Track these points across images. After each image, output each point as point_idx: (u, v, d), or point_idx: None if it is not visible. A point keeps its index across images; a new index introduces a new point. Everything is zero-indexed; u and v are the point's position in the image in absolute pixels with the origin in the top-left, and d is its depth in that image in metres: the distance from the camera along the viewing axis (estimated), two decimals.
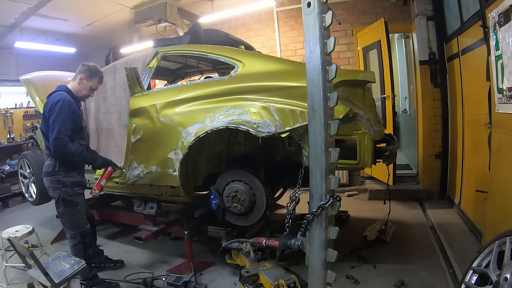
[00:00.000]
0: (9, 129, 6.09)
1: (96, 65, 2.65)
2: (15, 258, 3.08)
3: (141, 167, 2.70)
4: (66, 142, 2.35)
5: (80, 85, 2.58)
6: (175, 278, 2.64)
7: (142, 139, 2.68)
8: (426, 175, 4.49)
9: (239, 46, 3.32)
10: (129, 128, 2.74)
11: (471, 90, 3.39)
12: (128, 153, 2.77)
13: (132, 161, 2.75)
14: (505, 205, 2.25)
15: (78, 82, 2.57)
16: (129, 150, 2.76)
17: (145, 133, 2.67)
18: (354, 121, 2.21)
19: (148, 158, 2.66)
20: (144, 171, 2.68)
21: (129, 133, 2.74)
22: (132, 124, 2.72)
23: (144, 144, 2.68)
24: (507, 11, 2.07)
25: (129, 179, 2.78)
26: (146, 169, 2.67)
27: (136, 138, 2.70)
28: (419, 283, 2.48)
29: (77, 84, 2.58)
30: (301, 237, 1.80)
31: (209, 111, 2.40)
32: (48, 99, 2.48)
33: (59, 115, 2.35)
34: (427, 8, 4.22)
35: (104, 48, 7.30)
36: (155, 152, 2.62)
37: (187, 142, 2.39)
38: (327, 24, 1.55)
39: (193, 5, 5.36)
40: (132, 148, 2.74)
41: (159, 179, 2.63)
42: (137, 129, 2.70)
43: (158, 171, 2.61)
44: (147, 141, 2.67)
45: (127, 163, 2.78)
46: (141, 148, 2.70)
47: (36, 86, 3.61)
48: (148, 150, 2.66)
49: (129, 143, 2.75)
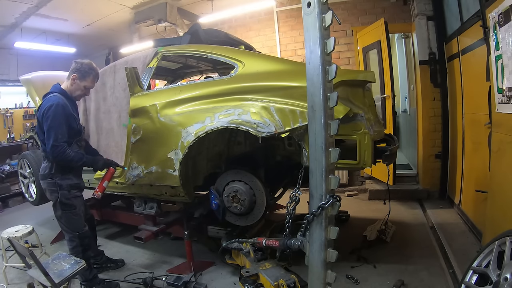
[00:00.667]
0: (9, 129, 6.09)
1: (90, 63, 2.53)
2: (15, 258, 3.08)
3: (141, 167, 2.70)
4: (64, 149, 2.29)
5: (73, 85, 2.49)
6: (175, 278, 2.64)
7: (142, 139, 2.68)
8: (426, 175, 4.49)
9: (239, 46, 3.32)
10: (129, 128, 2.74)
11: (471, 90, 3.39)
12: (128, 153, 2.77)
13: (132, 161, 2.75)
14: (505, 205, 2.25)
15: (71, 82, 2.48)
16: (129, 150, 2.76)
17: (145, 133, 2.67)
18: (354, 121, 2.20)
19: (148, 158, 2.66)
20: (144, 171, 2.68)
21: (129, 133, 2.74)
22: (132, 124, 2.72)
23: (144, 144, 2.68)
24: (507, 11, 2.07)
25: (129, 179, 2.78)
26: (146, 169, 2.67)
27: (136, 138, 2.70)
28: (419, 283, 2.48)
29: (70, 84, 2.49)
30: (301, 237, 1.80)
31: (209, 111, 2.40)
32: (43, 102, 2.40)
33: (54, 121, 2.27)
34: (427, 8, 4.22)
35: (104, 48, 7.30)
36: (155, 152, 2.62)
37: (187, 142, 2.39)
38: (327, 24, 1.55)
39: (193, 5, 5.36)
40: (132, 148, 2.73)
41: (159, 179, 2.63)
42: (137, 129, 2.69)
43: (158, 171, 2.60)
44: (147, 141, 2.67)
45: (127, 163, 2.78)
46: (141, 148, 2.70)
47: (36, 86, 3.61)
48: (148, 150, 2.66)
49: (129, 143, 2.75)
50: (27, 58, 6.26)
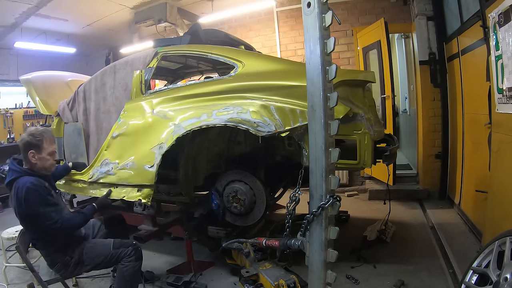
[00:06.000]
0: (9, 129, 6.09)
1: (30, 132, 2.07)
2: (15, 258, 3.09)
3: (114, 163, 2.60)
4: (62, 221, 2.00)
5: (38, 160, 2.06)
6: (175, 278, 2.64)
7: (125, 133, 2.61)
8: (426, 175, 4.49)
9: (239, 46, 3.32)
10: (115, 124, 2.69)
11: (471, 90, 3.39)
12: (104, 148, 2.71)
13: (105, 156, 2.68)
14: (505, 205, 2.25)
15: (31, 159, 2.04)
16: (106, 145, 2.69)
17: (131, 128, 2.60)
18: (354, 121, 2.20)
19: (125, 152, 2.57)
20: (116, 167, 2.58)
21: (112, 129, 2.69)
22: (120, 119, 2.67)
23: (126, 138, 2.60)
24: (507, 11, 2.07)
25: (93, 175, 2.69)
26: (119, 164, 2.57)
27: (120, 132, 2.62)
28: (419, 283, 2.48)
29: (33, 163, 2.05)
30: (301, 237, 1.80)
31: (206, 108, 2.36)
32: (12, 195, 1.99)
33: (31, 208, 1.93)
34: (427, 8, 4.22)
35: (104, 48, 7.30)
36: (137, 146, 2.52)
37: (177, 135, 2.30)
38: (327, 24, 1.55)
39: (193, 5, 5.36)
40: (110, 142, 2.67)
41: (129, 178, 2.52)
42: (123, 124, 2.63)
43: (133, 167, 2.49)
44: (131, 135, 2.58)
45: (98, 158, 2.73)
46: (121, 143, 2.61)
47: (36, 86, 3.60)
48: (128, 144, 2.58)
49: (108, 138, 2.69)
50: (27, 58, 6.26)
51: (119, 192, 2.58)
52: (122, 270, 2.13)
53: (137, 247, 2.22)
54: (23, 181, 1.96)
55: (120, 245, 2.19)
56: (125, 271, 2.12)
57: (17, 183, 1.97)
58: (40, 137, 2.07)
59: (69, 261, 2.09)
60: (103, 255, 2.15)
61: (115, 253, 2.15)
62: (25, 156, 2.06)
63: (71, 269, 2.12)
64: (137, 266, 2.18)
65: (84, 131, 3.17)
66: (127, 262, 2.13)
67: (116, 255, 2.14)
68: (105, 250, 2.16)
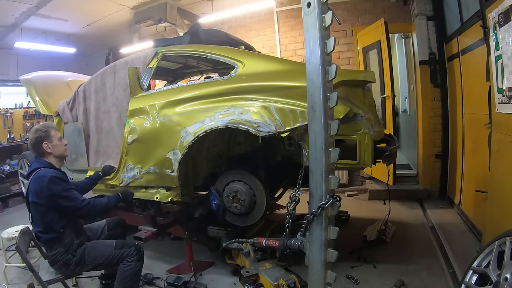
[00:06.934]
0: (9, 129, 6.08)
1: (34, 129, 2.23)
2: (15, 258, 3.09)
3: (138, 168, 2.66)
4: (89, 201, 2.14)
5: (52, 149, 2.21)
6: (175, 278, 2.64)
7: (139, 139, 2.64)
8: (426, 175, 4.49)
9: (239, 46, 3.32)
10: (127, 129, 2.71)
11: (471, 90, 3.39)
12: (124, 154, 2.73)
13: (128, 162, 2.72)
14: (505, 205, 2.25)
15: (47, 149, 2.20)
16: (125, 151, 2.72)
17: (142, 133, 2.63)
18: (354, 121, 2.20)
19: (145, 158, 2.62)
20: (141, 172, 2.65)
21: (126, 134, 2.71)
22: (129, 124, 2.70)
23: (141, 145, 2.64)
24: (507, 11, 2.07)
25: (123, 180, 2.74)
26: (143, 169, 2.63)
27: (133, 138, 2.66)
28: (419, 283, 2.48)
29: (49, 153, 2.21)
30: (301, 237, 1.80)
31: (209, 111, 2.40)
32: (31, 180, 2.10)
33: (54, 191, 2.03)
34: (427, 8, 4.22)
35: (104, 48, 7.31)
36: (153, 152, 2.58)
37: (186, 142, 2.38)
38: (327, 24, 1.55)
39: (193, 5, 5.36)
40: (128, 148, 2.70)
41: (156, 180, 2.60)
42: (134, 129, 2.66)
43: (156, 172, 2.58)
44: (144, 141, 2.63)
45: (122, 164, 2.75)
46: (138, 149, 2.65)
47: (36, 86, 3.61)
48: (145, 151, 2.63)
49: (125, 144, 2.71)
50: (27, 58, 6.26)
51: (152, 193, 2.66)
52: (123, 270, 2.14)
53: (139, 248, 2.23)
54: (46, 170, 2.10)
55: (123, 245, 2.21)
56: (126, 271, 2.13)
57: (39, 171, 2.09)
58: (45, 128, 2.24)
59: (71, 260, 2.10)
60: (105, 255, 2.16)
61: (117, 253, 2.16)
62: (41, 151, 2.20)
63: (72, 268, 2.13)
64: (138, 267, 2.19)
65: (84, 131, 3.18)
66: (128, 262, 2.15)
67: (118, 255, 2.15)
68: (107, 250, 2.18)
